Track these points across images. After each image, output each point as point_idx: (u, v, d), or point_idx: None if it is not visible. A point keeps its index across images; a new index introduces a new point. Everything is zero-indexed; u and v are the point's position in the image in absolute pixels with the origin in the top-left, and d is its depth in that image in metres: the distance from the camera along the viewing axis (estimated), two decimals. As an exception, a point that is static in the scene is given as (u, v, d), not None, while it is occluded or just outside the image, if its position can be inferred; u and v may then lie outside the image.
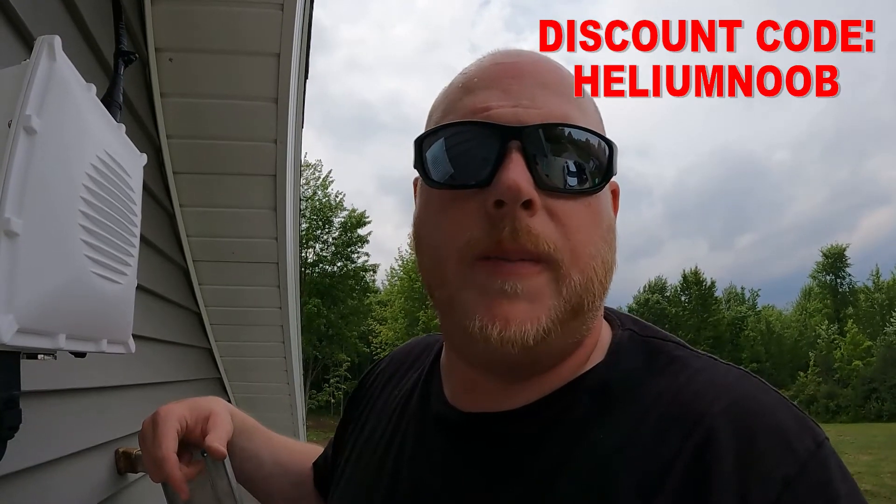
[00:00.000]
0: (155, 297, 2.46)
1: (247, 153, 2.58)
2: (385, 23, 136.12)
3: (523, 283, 0.68)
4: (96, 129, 0.98)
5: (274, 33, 2.14)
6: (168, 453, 1.03)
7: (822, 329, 51.77)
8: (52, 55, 0.85)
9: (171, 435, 1.05)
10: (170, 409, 1.09)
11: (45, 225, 0.82)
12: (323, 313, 36.31)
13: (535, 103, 0.72)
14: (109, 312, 1.04)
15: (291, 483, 1.23)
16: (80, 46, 1.58)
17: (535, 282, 0.69)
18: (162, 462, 1.03)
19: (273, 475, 1.23)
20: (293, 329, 3.86)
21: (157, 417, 1.08)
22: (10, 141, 0.77)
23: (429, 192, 0.78)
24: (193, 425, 1.11)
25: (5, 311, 0.75)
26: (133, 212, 1.11)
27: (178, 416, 1.09)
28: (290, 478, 1.23)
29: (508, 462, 0.75)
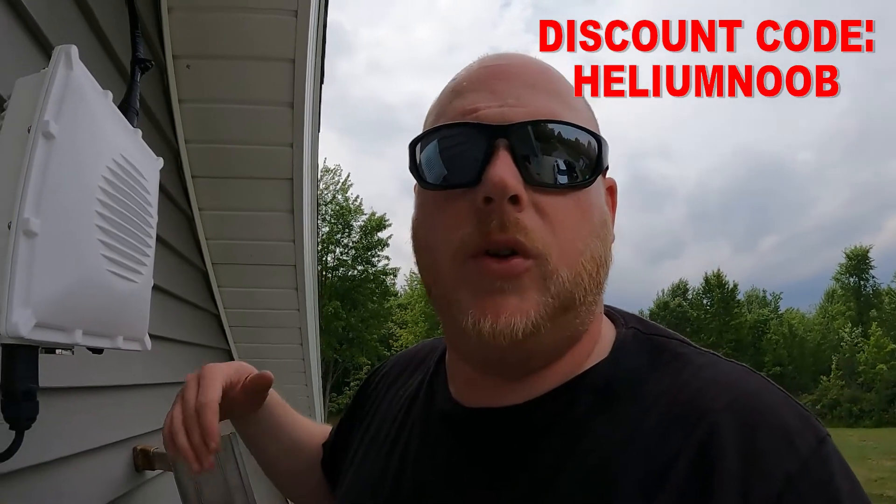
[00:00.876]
0: (175, 299, 2.50)
1: (264, 157, 2.62)
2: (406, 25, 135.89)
3: (512, 281, 0.70)
4: (112, 133, 1.02)
5: (289, 39, 2.18)
6: (212, 400, 0.99)
7: (846, 332, 50.92)
8: (69, 64, 0.89)
9: (217, 386, 1.02)
10: (215, 367, 1.07)
11: (63, 225, 0.86)
12: (342, 316, 36.27)
13: (521, 102, 0.73)
14: (125, 310, 1.08)
15: (304, 464, 1.25)
16: (99, 54, 1.62)
17: (524, 278, 0.70)
18: (204, 407, 0.98)
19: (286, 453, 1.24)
20: (311, 331, 3.88)
21: (203, 370, 1.06)
22: (29, 145, 0.81)
23: (424, 194, 0.80)
24: (236, 382, 1.09)
25: (24, 305, 0.78)
26: (149, 213, 1.15)
27: (224, 373, 1.06)
28: (303, 460, 1.25)
29: (511, 458, 0.76)
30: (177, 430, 1.00)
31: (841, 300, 55.54)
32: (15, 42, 1.21)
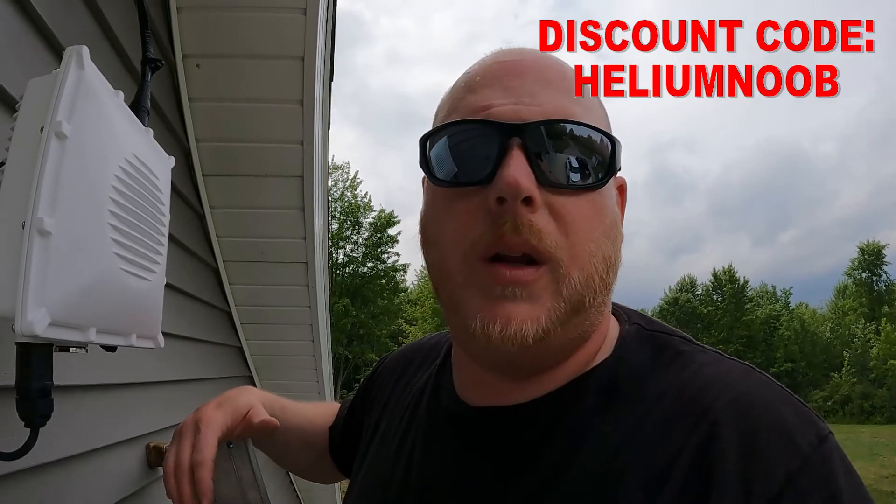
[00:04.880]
0: (186, 297, 2.51)
1: (274, 155, 2.62)
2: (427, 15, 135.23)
3: (524, 287, 0.70)
4: (124, 133, 1.02)
5: (298, 37, 2.18)
6: (206, 458, 1.00)
7: (858, 328, 50.61)
8: (80, 64, 0.90)
9: (213, 443, 1.02)
10: (213, 417, 1.06)
11: (76, 224, 0.87)
12: (351, 313, 36.38)
13: (536, 100, 0.73)
14: (139, 308, 1.08)
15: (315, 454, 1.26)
16: (109, 54, 1.63)
17: (536, 285, 0.70)
18: (198, 466, 0.99)
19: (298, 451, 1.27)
20: (322, 328, 3.88)
21: (200, 422, 1.06)
22: (42, 146, 0.82)
23: (434, 190, 0.79)
24: (233, 428, 1.08)
25: (39, 304, 0.79)
26: (161, 211, 1.16)
27: (220, 424, 1.06)
28: (315, 451, 1.26)
29: (517, 456, 0.76)
30: (170, 477, 1.03)
31: (853, 296, 55.16)
32: (26, 43, 1.22)
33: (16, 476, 1.12)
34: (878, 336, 46.83)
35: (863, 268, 56.12)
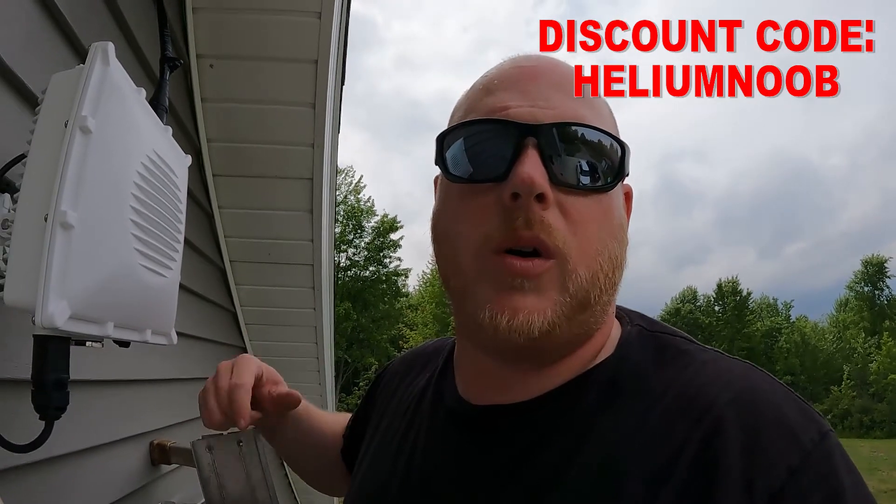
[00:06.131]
0: (192, 296, 2.52)
1: (284, 157, 2.64)
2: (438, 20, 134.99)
3: (533, 280, 0.72)
4: (146, 130, 1.03)
5: (311, 41, 2.20)
6: (246, 382, 1.04)
7: (859, 342, 50.49)
8: (105, 60, 0.91)
9: (252, 371, 1.07)
10: (249, 359, 1.11)
11: (99, 218, 0.87)
12: (352, 317, 36.32)
13: (551, 104, 0.75)
14: (155, 304, 1.09)
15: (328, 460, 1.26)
16: (126, 52, 1.65)
17: (544, 278, 0.72)
18: (236, 388, 1.03)
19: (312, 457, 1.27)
20: (326, 330, 3.89)
21: (238, 358, 1.11)
22: (66, 140, 0.83)
23: (448, 187, 0.81)
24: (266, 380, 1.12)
25: (60, 297, 0.80)
26: (179, 209, 1.16)
27: (256, 366, 1.10)
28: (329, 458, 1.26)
29: (518, 454, 0.77)
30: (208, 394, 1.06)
31: (854, 309, 54.98)
32: (47, 40, 1.23)
33: (24, 469, 1.13)
34: (879, 350, 46.68)
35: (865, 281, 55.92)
